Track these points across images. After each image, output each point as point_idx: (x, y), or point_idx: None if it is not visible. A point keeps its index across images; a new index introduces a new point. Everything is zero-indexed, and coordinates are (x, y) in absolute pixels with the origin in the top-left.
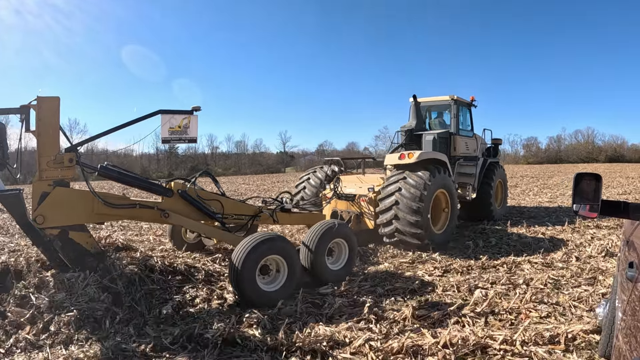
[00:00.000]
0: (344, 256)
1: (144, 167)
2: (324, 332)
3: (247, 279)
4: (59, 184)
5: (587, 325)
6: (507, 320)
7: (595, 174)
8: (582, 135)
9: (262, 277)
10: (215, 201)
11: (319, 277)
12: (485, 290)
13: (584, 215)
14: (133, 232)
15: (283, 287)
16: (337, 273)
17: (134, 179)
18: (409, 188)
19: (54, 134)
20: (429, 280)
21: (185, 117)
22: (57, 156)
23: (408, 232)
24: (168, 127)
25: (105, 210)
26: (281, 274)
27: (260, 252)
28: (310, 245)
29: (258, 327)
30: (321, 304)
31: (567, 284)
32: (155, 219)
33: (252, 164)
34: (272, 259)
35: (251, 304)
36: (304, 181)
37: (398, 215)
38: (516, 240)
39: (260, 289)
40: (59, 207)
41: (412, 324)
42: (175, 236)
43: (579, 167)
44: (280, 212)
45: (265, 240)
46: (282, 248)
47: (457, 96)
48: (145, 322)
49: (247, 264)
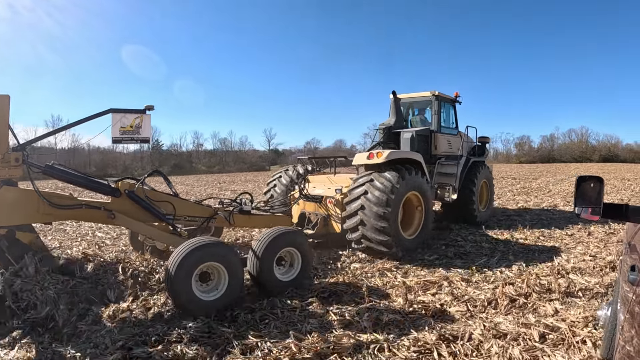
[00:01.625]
0: (296, 266)
1: (127, 165)
2: None
3: (181, 285)
4: (6, 183)
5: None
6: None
7: (598, 177)
8: (576, 135)
9: (200, 285)
10: (166, 202)
11: (266, 288)
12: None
13: (585, 218)
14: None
15: (224, 296)
16: (287, 284)
17: (80, 178)
18: (375, 192)
19: (2, 133)
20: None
21: (138, 116)
22: (5, 155)
23: (374, 238)
24: (119, 126)
25: (51, 210)
26: (222, 282)
27: (197, 257)
28: (257, 252)
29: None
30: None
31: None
32: (102, 220)
33: (236, 162)
34: (212, 266)
35: (187, 313)
36: (274, 181)
37: (364, 220)
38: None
39: (197, 297)
40: (5, 206)
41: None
42: (134, 239)
43: (571, 167)
44: (238, 215)
45: (203, 245)
46: (222, 255)
47: (439, 92)
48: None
49: (183, 270)
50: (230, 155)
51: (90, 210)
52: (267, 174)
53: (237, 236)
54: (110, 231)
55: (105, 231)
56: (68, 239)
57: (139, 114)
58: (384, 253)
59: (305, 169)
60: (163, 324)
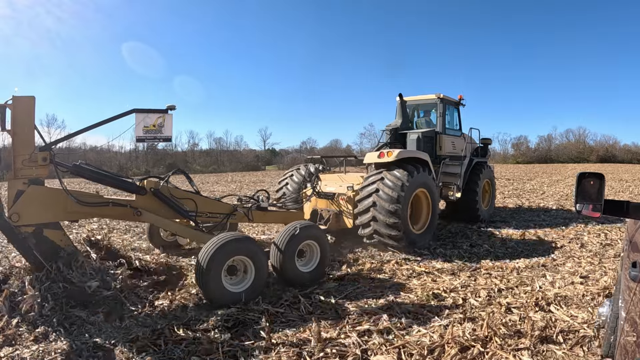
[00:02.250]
0: (315, 258)
1: (121, 164)
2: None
3: (213, 278)
4: (33, 182)
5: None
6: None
7: (598, 174)
8: (574, 135)
9: (229, 278)
10: (189, 199)
11: (288, 279)
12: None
13: (586, 215)
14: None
15: (250, 288)
16: (308, 275)
17: (107, 177)
18: (386, 189)
19: (29, 133)
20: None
21: (160, 116)
22: (32, 155)
23: (385, 233)
24: (142, 126)
25: (78, 208)
26: (248, 274)
27: (226, 252)
28: (280, 246)
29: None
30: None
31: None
32: (128, 217)
33: (231, 162)
34: (239, 260)
35: (217, 304)
36: (286, 179)
37: (376, 217)
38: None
39: (226, 289)
40: (33, 205)
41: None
42: (153, 236)
43: (568, 168)
44: (256, 211)
45: (231, 240)
46: (249, 249)
47: (444, 95)
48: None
49: (214, 264)
50: (225, 155)
51: (117, 207)
52: (256, 175)
53: (250, 233)
54: (126, 229)
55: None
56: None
57: (161, 114)
58: (394, 247)
59: (316, 167)
60: (196, 312)
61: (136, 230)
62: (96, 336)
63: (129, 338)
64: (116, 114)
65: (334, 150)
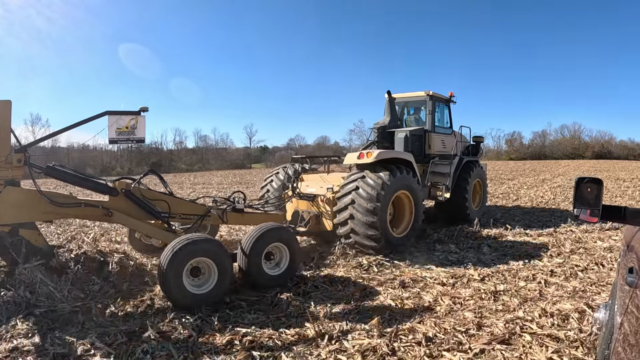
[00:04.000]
0: (284, 261)
1: (105, 163)
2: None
3: (173, 280)
4: (9, 183)
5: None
6: None
7: (597, 179)
8: (569, 131)
9: (191, 279)
10: (162, 201)
11: (255, 282)
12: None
13: (584, 220)
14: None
15: (214, 290)
16: (276, 278)
17: (79, 179)
18: (366, 187)
19: (4, 135)
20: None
21: (133, 117)
22: (7, 157)
23: (363, 233)
24: (115, 127)
25: (52, 208)
26: (212, 277)
27: (187, 253)
28: (245, 248)
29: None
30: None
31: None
32: (100, 218)
33: (217, 160)
34: (202, 262)
35: (179, 306)
36: (271, 177)
37: (353, 215)
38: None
39: (188, 291)
40: (9, 205)
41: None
42: (132, 237)
43: (561, 164)
44: (232, 212)
45: (192, 241)
46: (212, 251)
47: (434, 92)
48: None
49: (174, 266)
50: (211, 153)
51: (89, 208)
52: (241, 173)
53: (240, 234)
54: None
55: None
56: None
57: (134, 116)
58: (371, 247)
59: (297, 168)
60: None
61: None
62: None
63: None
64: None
65: (323, 147)
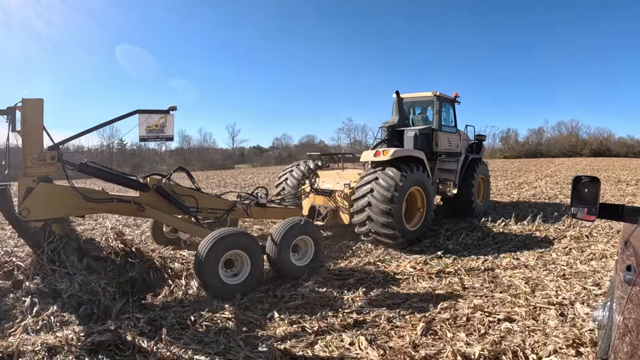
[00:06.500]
0: (309, 253)
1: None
2: None
3: (209, 271)
4: (42, 179)
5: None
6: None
7: (594, 177)
8: (566, 127)
9: (225, 271)
10: (190, 196)
11: (283, 272)
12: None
13: (581, 219)
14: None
15: (246, 281)
16: (302, 269)
17: (112, 175)
18: (380, 190)
19: (37, 133)
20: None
21: (162, 116)
22: (40, 154)
23: (381, 232)
24: (145, 126)
25: (85, 204)
26: (245, 268)
27: (222, 246)
28: (276, 240)
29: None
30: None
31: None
32: (132, 213)
33: (199, 160)
34: (236, 254)
35: (214, 296)
36: (286, 174)
37: (371, 216)
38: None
39: (223, 281)
40: (42, 201)
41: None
42: (156, 233)
43: (555, 162)
44: (255, 207)
45: (228, 235)
46: (245, 243)
47: (440, 92)
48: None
49: (210, 257)
50: (194, 153)
51: (121, 203)
52: (226, 174)
53: (255, 229)
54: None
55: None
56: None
57: (163, 114)
58: (387, 235)
59: (315, 164)
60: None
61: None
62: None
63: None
64: (117, 114)
65: (308, 146)
